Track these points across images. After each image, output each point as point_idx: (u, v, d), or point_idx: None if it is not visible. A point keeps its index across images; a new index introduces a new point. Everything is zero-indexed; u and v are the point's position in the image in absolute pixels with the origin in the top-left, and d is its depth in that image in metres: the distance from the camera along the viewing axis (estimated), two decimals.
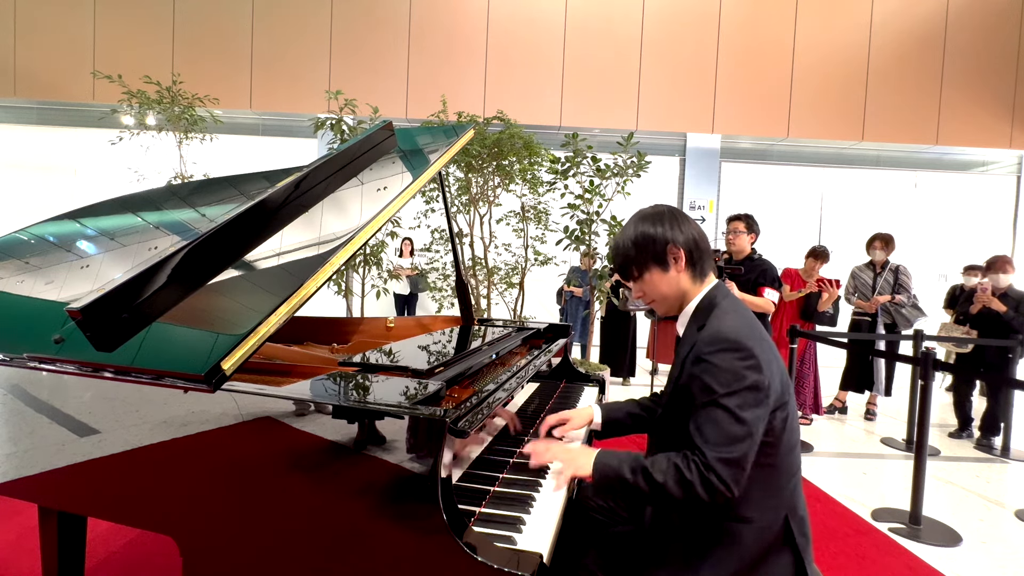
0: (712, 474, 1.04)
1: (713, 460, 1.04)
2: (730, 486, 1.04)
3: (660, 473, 1.09)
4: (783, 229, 8.58)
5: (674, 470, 1.08)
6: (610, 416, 1.52)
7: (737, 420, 1.05)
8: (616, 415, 1.53)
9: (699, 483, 1.05)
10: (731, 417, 1.05)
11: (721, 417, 1.06)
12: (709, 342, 1.12)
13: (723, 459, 1.04)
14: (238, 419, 1.13)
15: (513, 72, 7.86)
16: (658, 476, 1.08)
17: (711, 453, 1.05)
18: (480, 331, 2.18)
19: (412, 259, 7.24)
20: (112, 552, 2.16)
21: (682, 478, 1.06)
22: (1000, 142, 8.18)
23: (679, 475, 1.07)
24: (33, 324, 1.47)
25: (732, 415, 1.06)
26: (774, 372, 1.12)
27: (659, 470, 1.09)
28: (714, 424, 1.07)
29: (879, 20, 7.97)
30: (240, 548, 1.14)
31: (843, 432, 4.48)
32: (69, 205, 2.13)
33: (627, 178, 4.77)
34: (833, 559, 2.40)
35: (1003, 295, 4.11)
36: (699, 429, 1.09)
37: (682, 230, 1.24)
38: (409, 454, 1.03)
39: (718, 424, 1.06)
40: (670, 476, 1.08)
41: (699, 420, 1.10)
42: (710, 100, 8.03)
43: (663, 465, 1.10)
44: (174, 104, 5.74)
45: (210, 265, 1.37)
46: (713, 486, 1.04)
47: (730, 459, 1.04)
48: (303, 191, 1.65)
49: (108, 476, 1.26)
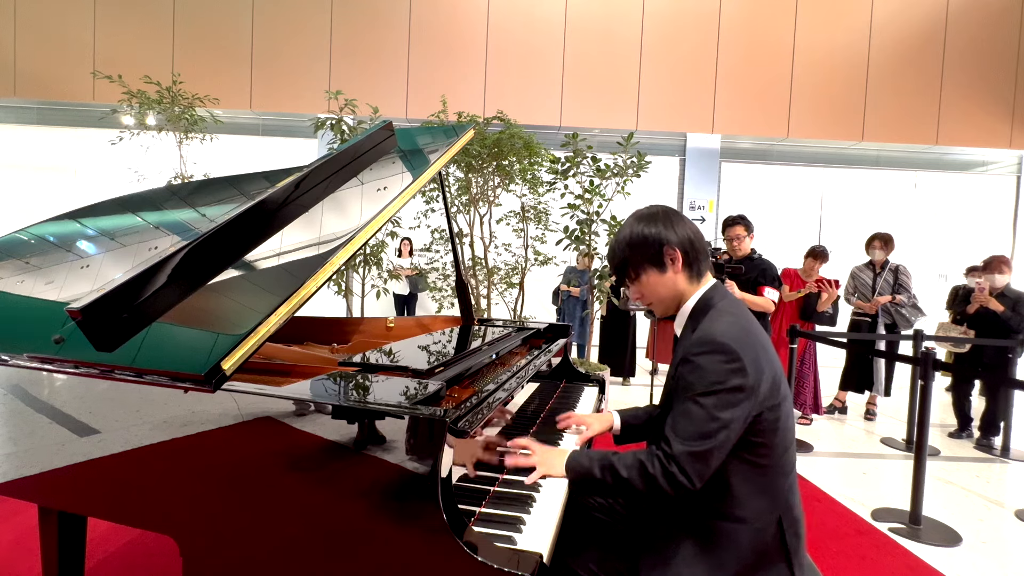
0: (674, 465, 1.08)
1: (678, 452, 1.08)
2: (692, 479, 1.08)
3: (625, 468, 1.13)
4: (783, 229, 8.58)
5: (638, 464, 1.12)
6: (628, 421, 1.53)
7: (711, 418, 1.08)
8: (634, 420, 1.53)
9: (661, 475, 1.09)
10: (706, 414, 1.08)
11: (696, 413, 1.09)
12: (697, 343, 1.13)
13: (689, 452, 1.08)
14: (238, 419, 1.13)
15: (513, 72, 7.86)
16: (623, 472, 1.13)
17: (677, 446, 1.09)
18: (480, 331, 2.18)
19: (412, 259, 7.24)
20: (112, 552, 2.16)
21: (645, 472, 1.11)
22: (1000, 142, 8.19)
23: (642, 469, 1.12)
24: (33, 324, 1.47)
25: (707, 412, 1.08)
26: (764, 374, 1.12)
27: (624, 466, 1.14)
28: (688, 419, 1.10)
29: (879, 20, 7.97)
30: (240, 548, 1.14)
31: (843, 432, 4.49)
32: (69, 205, 2.13)
33: (627, 178, 4.77)
34: (833, 559, 2.40)
35: (1000, 295, 4.12)
36: (673, 422, 1.13)
37: (677, 231, 1.24)
38: (409, 454, 1.03)
39: (692, 419, 1.09)
40: (634, 471, 1.12)
41: (675, 414, 1.13)
42: (710, 100, 8.03)
43: (629, 461, 1.14)
44: (174, 104, 5.75)
45: (210, 265, 1.37)
46: (675, 478, 1.08)
47: (695, 452, 1.07)
48: (303, 191, 1.65)
49: (108, 476, 1.26)
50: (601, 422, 1.53)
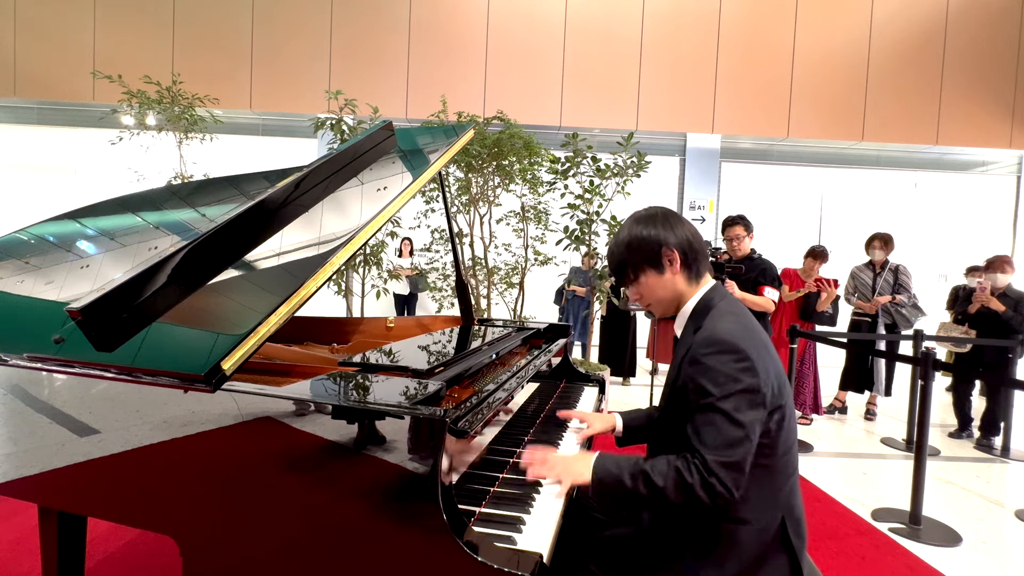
0: (714, 478, 1.04)
1: (714, 464, 1.04)
2: (731, 489, 1.04)
3: (660, 477, 1.08)
4: (783, 229, 8.58)
5: (675, 473, 1.07)
6: (630, 423, 1.51)
7: (734, 423, 1.05)
8: (637, 423, 1.51)
9: (700, 487, 1.04)
10: (728, 420, 1.05)
11: (718, 420, 1.06)
12: (704, 344, 1.12)
13: (723, 463, 1.04)
14: (238, 419, 1.13)
15: (513, 72, 7.86)
16: (658, 480, 1.08)
17: (711, 457, 1.05)
18: (480, 331, 2.18)
19: (412, 259, 7.24)
20: (112, 552, 2.16)
21: (683, 482, 1.06)
22: (1000, 142, 8.19)
23: (680, 479, 1.06)
24: (33, 324, 1.47)
25: (729, 418, 1.05)
26: (770, 375, 1.12)
27: (659, 474, 1.08)
28: (712, 427, 1.06)
29: (879, 20, 7.97)
30: (240, 548, 1.14)
31: (843, 432, 4.48)
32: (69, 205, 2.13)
33: (627, 178, 4.77)
34: (833, 559, 2.40)
35: (1002, 295, 4.11)
36: (697, 432, 1.08)
37: (675, 232, 1.24)
38: (409, 454, 1.03)
39: (716, 427, 1.06)
40: (670, 480, 1.07)
41: (697, 423, 1.09)
42: (710, 100, 8.03)
43: (663, 468, 1.09)
44: (174, 104, 5.75)
45: (210, 265, 1.36)
46: (715, 490, 1.04)
47: (730, 463, 1.04)
48: (303, 191, 1.65)
49: (108, 476, 1.26)
50: (603, 421, 1.53)
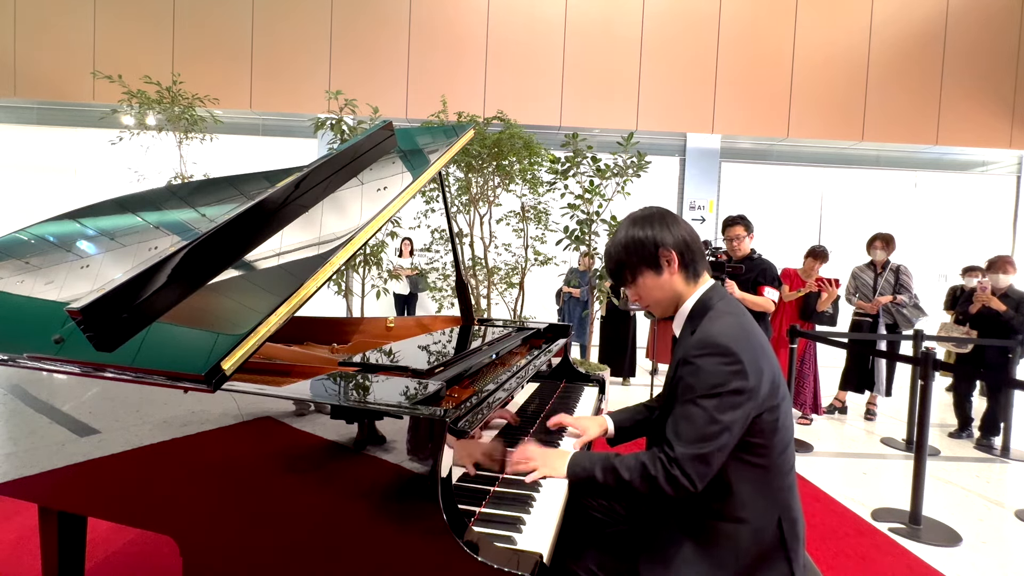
0: (676, 468, 1.09)
1: (681, 455, 1.09)
2: (694, 481, 1.09)
3: (627, 471, 1.15)
4: (783, 229, 8.58)
5: (640, 467, 1.14)
6: (621, 423, 1.54)
7: (712, 420, 1.08)
8: (626, 422, 1.54)
9: (663, 478, 1.10)
10: (707, 417, 1.09)
11: (697, 415, 1.09)
12: (697, 345, 1.13)
13: (691, 455, 1.08)
14: (238, 419, 1.13)
15: (513, 72, 7.86)
16: (624, 474, 1.15)
17: (680, 448, 1.10)
18: (480, 331, 2.18)
19: (412, 259, 7.24)
20: (112, 552, 2.16)
21: (646, 474, 1.12)
22: (1000, 142, 8.19)
23: (644, 471, 1.13)
24: (33, 324, 1.47)
25: (708, 415, 1.09)
26: (764, 375, 1.12)
27: (626, 467, 1.16)
28: (689, 422, 1.10)
29: (879, 20, 7.97)
30: (240, 548, 1.14)
31: (843, 432, 4.48)
32: (69, 205, 2.13)
33: (627, 178, 4.77)
34: (833, 559, 2.40)
35: (1003, 295, 4.11)
36: (675, 424, 1.13)
37: (672, 232, 1.24)
38: (409, 454, 1.03)
39: (693, 422, 1.10)
40: (635, 472, 1.14)
41: (676, 416, 1.14)
42: (710, 100, 8.03)
43: (631, 463, 1.16)
44: (174, 104, 5.75)
45: (210, 265, 1.36)
46: (677, 481, 1.09)
47: (697, 455, 1.08)
48: (303, 191, 1.65)
49: (108, 476, 1.26)
50: (599, 425, 1.54)
